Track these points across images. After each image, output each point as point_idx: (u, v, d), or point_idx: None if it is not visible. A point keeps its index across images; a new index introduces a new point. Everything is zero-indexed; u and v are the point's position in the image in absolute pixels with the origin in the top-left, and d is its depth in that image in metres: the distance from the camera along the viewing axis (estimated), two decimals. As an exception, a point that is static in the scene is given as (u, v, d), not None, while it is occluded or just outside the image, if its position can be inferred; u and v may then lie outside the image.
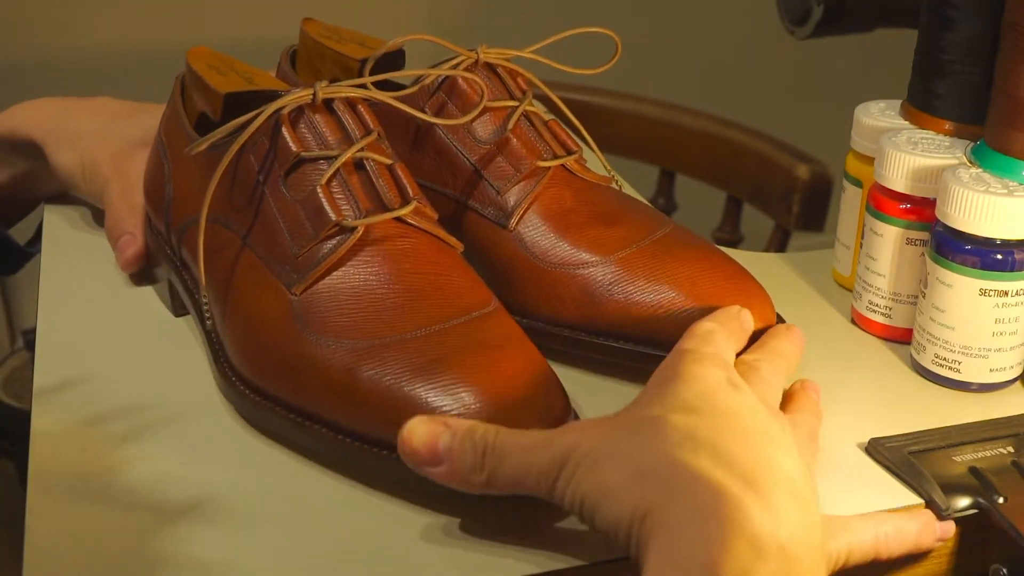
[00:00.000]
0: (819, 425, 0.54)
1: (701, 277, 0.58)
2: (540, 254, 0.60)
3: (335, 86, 0.57)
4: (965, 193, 0.56)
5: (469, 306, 0.53)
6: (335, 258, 0.53)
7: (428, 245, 0.55)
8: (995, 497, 0.50)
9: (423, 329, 0.51)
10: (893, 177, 0.61)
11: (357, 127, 0.57)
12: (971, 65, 0.62)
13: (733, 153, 1.17)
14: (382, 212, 0.55)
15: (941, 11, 0.63)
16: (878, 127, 0.65)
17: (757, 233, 1.25)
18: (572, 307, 0.59)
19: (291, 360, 0.52)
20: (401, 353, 0.50)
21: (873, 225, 0.63)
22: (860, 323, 0.66)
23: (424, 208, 0.57)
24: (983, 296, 0.57)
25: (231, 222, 0.57)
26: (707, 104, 1.25)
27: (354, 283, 0.53)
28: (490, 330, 0.52)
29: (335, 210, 0.54)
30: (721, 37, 2.03)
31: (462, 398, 0.49)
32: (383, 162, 0.56)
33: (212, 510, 0.50)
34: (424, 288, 0.53)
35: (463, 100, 0.62)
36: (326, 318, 0.52)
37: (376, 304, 0.53)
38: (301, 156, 0.55)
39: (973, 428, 0.56)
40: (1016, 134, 0.58)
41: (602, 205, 0.61)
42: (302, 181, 0.55)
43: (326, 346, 0.52)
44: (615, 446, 0.45)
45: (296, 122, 0.56)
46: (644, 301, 0.57)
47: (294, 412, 0.52)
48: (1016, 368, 0.59)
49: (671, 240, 0.60)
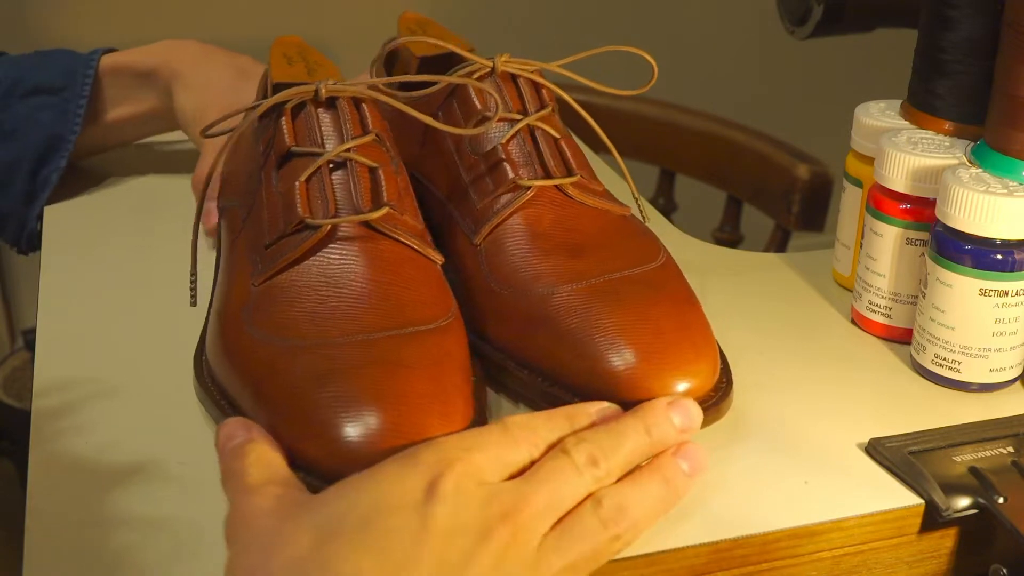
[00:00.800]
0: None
1: (632, 327, 0.53)
2: (493, 274, 0.58)
3: (340, 84, 0.57)
4: (965, 193, 0.56)
5: (409, 320, 0.52)
6: (295, 254, 0.54)
7: (395, 253, 0.55)
8: (995, 497, 0.50)
9: (346, 337, 0.51)
10: (893, 177, 0.61)
11: (355, 127, 0.57)
12: (971, 65, 0.62)
13: (733, 153, 1.17)
14: (350, 214, 0.54)
15: (941, 11, 0.63)
16: (878, 127, 0.65)
17: (757, 233, 1.25)
18: (509, 333, 0.56)
19: (229, 348, 0.53)
20: (312, 357, 0.50)
21: (873, 225, 0.63)
22: (860, 323, 0.66)
23: (401, 216, 0.56)
24: (983, 296, 0.57)
25: (241, 207, 0.59)
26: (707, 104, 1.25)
27: (304, 281, 0.53)
28: (411, 347, 0.51)
29: (304, 207, 0.54)
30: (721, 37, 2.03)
31: (345, 413, 0.47)
32: (366, 164, 0.56)
33: (212, 510, 0.50)
34: (369, 295, 0.53)
35: (467, 109, 0.62)
36: (267, 312, 0.52)
37: (317, 305, 0.52)
38: (291, 150, 0.56)
39: (973, 428, 0.56)
40: (1016, 134, 0.58)
41: (582, 234, 0.59)
42: (290, 174, 0.56)
43: (256, 339, 0.52)
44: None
45: (297, 116, 0.57)
46: (567, 342, 0.53)
47: (225, 399, 0.53)
48: (1016, 368, 0.59)
49: (631, 282, 0.56)
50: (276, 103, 0.57)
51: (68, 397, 0.57)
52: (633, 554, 0.47)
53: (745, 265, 0.73)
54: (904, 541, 0.52)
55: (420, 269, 0.55)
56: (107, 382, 0.59)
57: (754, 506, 0.50)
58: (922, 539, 0.52)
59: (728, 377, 0.55)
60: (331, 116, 0.57)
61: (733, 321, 0.66)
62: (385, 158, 0.57)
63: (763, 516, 0.50)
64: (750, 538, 0.49)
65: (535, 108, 0.62)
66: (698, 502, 0.50)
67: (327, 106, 0.57)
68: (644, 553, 0.47)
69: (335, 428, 0.47)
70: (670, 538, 0.48)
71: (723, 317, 0.66)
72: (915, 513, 0.51)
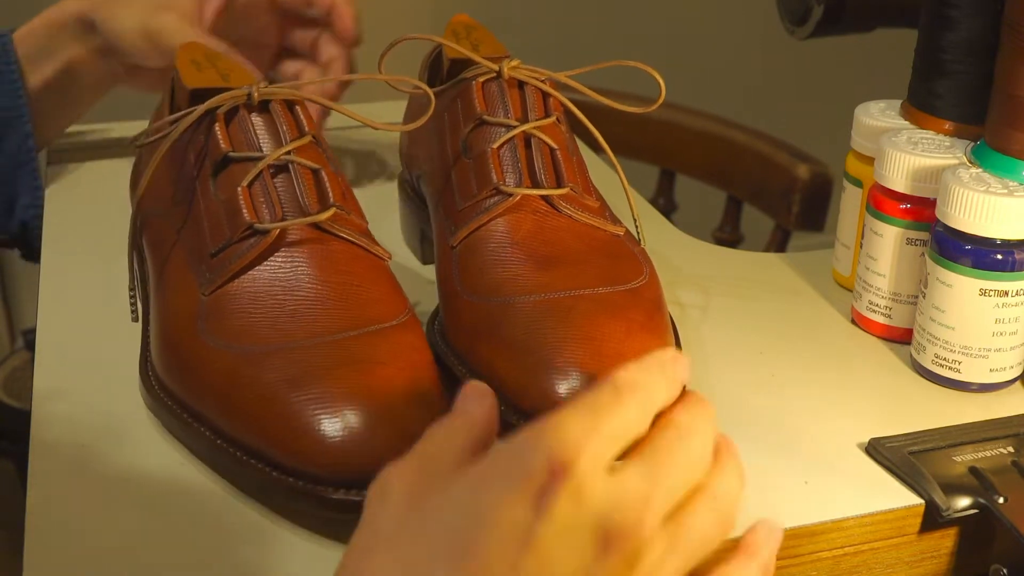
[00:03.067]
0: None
1: (573, 347, 0.51)
2: (462, 277, 0.57)
3: (273, 87, 0.56)
4: (965, 193, 0.56)
5: (371, 318, 0.52)
6: (245, 261, 0.53)
7: (345, 253, 0.54)
8: (995, 497, 0.50)
9: (313, 339, 0.50)
10: (893, 177, 0.61)
11: (291, 129, 0.56)
12: (971, 65, 0.62)
13: (733, 153, 1.17)
14: (298, 217, 0.54)
15: (941, 11, 0.63)
16: (878, 127, 0.65)
17: (757, 233, 1.25)
18: (463, 340, 0.56)
19: (186, 359, 0.52)
20: (281, 362, 0.50)
21: (873, 225, 0.63)
22: (860, 323, 0.66)
23: (348, 216, 0.55)
24: (983, 296, 0.57)
25: (172, 217, 0.58)
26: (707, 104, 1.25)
27: (259, 287, 0.53)
28: (380, 345, 0.51)
29: (251, 212, 0.54)
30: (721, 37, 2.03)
31: (324, 414, 0.47)
32: (308, 166, 0.55)
33: (213, 510, 0.50)
34: (328, 297, 0.52)
35: (468, 111, 0.61)
36: (224, 320, 0.52)
37: (276, 310, 0.52)
38: (228, 156, 0.55)
39: (973, 428, 0.56)
40: (1016, 134, 0.58)
41: (560, 247, 0.57)
42: (229, 181, 0.55)
43: (216, 348, 0.51)
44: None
45: (231, 121, 0.56)
46: (507, 354, 0.53)
47: (187, 412, 0.52)
48: (1016, 368, 0.59)
49: (591, 301, 0.54)
50: (208, 109, 0.56)
51: (68, 397, 0.57)
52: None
53: (745, 265, 0.73)
54: (904, 541, 0.52)
55: (371, 267, 0.55)
56: (107, 382, 0.59)
57: (754, 506, 0.50)
58: (922, 539, 0.52)
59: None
60: (265, 120, 0.56)
61: (733, 321, 0.66)
62: (324, 159, 0.57)
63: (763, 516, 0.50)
64: (750, 538, 0.49)
65: (538, 116, 0.61)
66: (698, 502, 0.50)
67: (260, 110, 0.56)
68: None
69: (317, 429, 0.47)
70: (670, 538, 0.48)
71: (723, 317, 0.66)
72: (915, 513, 0.51)
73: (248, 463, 0.49)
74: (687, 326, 0.65)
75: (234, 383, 0.50)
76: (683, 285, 0.69)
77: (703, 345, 0.63)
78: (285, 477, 0.48)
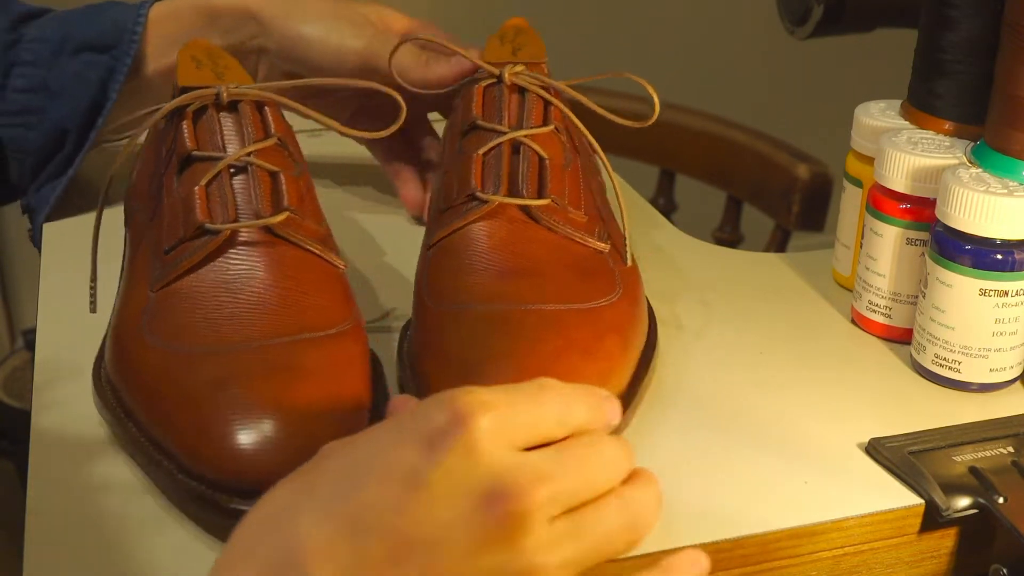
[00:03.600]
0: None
1: (502, 362, 0.50)
2: (427, 281, 0.57)
3: (242, 87, 0.56)
4: (965, 193, 0.56)
5: (306, 326, 0.51)
6: (194, 260, 0.53)
7: (295, 259, 0.54)
8: (995, 497, 0.50)
9: (245, 344, 0.50)
10: (893, 177, 0.61)
11: (256, 130, 0.56)
12: (971, 65, 0.62)
13: (733, 153, 1.17)
14: (250, 219, 0.54)
15: (941, 11, 0.63)
16: (878, 127, 0.65)
17: (757, 233, 1.25)
18: (416, 345, 0.55)
19: (125, 355, 0.52)
20: (207, 364, 0.49)
21: (873, 225, 0.63)
22: (860, 323, 0.66)
23: (303, 221, 0.55)
24: (983, 296, 0.57)
25: (145, 212, 0.58)
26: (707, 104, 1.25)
27: (203, 287, 0.53)
28: (310, 354, 0.50)
29: (204, 211, 0.54)
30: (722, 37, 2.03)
31: (234, 421, 0.47)
32: (267, 169, 0.55)
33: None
34: (268, 302, 0.52)
35: (466, 114, 0.61)
36: (165, 318, 0.52)
37: (215, 311, 0.52)
38: (192, 154, 0.55)
39: (973, 428, 0.56)
40: (1016, 134, 0.58)
41: (529, 259, 0.56)
42: (190, 179, 0.55)
43: (153, 345, 0.51)
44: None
45: (199, 120, 0.56)
46: (443, 362, 0.52)
47: (120, 406, 0.52)
48: (1016, 368, 0.59)
49: (541, 316, 0.52)
50: (178, 106, 0.56)
51: (68, 397, 0.57)
52: (633, 554, 0.47)
53: (745, 265, 0.73)
54: (904, 541, 0.52)
55: (322, 274, 0.54)
56: (107, 382, 0.59)
57: (754, 506, 0.50)
58: (922, 539, 0.52)
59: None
60: (233, 120, 0.56)
61: (733, 321, 0.66)
62: (287, 162, 0.57)
63: (763, 516, 0.50)
64: (750, 538, 0.49)
65: (535, 124, 0.60)
66: (698, 502, 0.50)
67: (229, 110, 0.56)
68: (644, 553, 0.47)
69: (230, 437, 0.47)
70: (670, 538, 0.48)
71: (723, 317, 0.66)
72: (915, 513, 0.51)
73: (160, 462, 0.49)
74: (687, 326, 0.65)
75: (161, 380, 0.50)
76: (683, 285, 0.69)
77: (703, 345, 0.63)
78: (188, 480, 0.47)
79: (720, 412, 0.57)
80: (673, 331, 0.64)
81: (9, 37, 0.73)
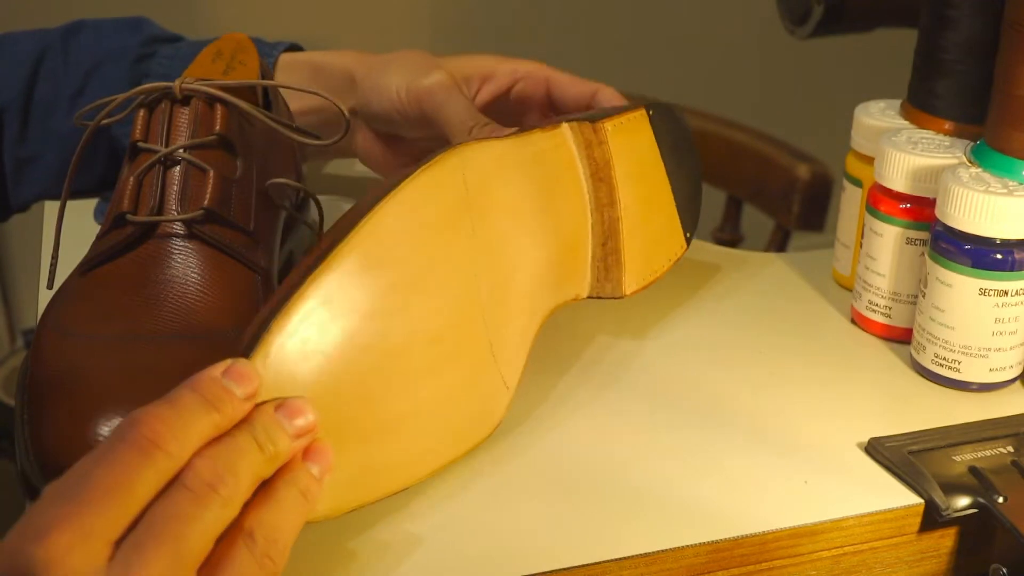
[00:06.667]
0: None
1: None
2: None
3: (196, 83, 0.56)
4: (965, 193, 0.56)
5: (186, 328, 0.51)
6: (113, 248, 0.54)
7: (204, 259, 0.54)
8: (995, 497, 0.50)
9: (118, 337, 0.50)
10: (893, 177, 0.61)
11: (202, 127, 0.56)
12: (971, 65, 0.62)
13: (733, 153, 1.17)
14: (169, 214, 0.54)
15: (941, 11, 0.63)
16: (878, 127, 0.65)
17: (757, 233, 1.25)
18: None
19: (38, 334, 0.52)
20: (70, 353, 0.49)
21: (873, 225, 0.63)
22: (860, 323, 0.66)
23: (224, 221, 0.55)
24: (983, 296, 0.57)
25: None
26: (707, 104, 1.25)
27: (112, 277, 0.53)
28: (173, 355, 0.49)
29: (130, 202, 0.54)
30: (721, 37, 2.03)
31: (70, 412, 0.47)
32: (199, 166, 0.55)
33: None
34: (160, 298, 0.52)
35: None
36: (72, 304, 0.53)
37: (110, 302, 0.52)
38: (136, 144, 0.56)
39: (973, 428, 0.56)
40: (1016, 134, 0.58)
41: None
42: (133, 168, 0.56)
43: (50, 328, 0.52)
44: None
45: (153, 111, 0.57)
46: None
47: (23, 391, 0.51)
48: (1016, 368, 0.59)
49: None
50: (130, 97, 0.57)
51: (68, 397, 0.57)
52: (632, 554, 0.47)
53: (745, 265, 0.73)
54: (904, 541, 0.52)
55: (231, 277, 0.54)
56: (107, 382, 0.58)
57: (754, 506, 0.50)
58: (922, 539, 0.52)
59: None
60: (183, 115, 0.56)
61: (733, 321, 0.66)
62: (224, 160, 0.56)
63: (763, 516, 0.50)
64: (750, 538, 0.49)
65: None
66: (698, 502, 0.50)
67: (183, 104, 0.57)
68: (643, 553, 0.47)
69: (55, 425, 0.47)
70: (669, 538, 0.48)
71: (723, 317, 0.66)
72: (915, 513, 0.51)
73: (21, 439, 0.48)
74: (687, 326, 0.65)
75: (36, 364, 0.50)
76: (683, 285, 0.69)
77: (703, 345, 0.63)
78: (27, 462, 0.47)
79: (720, 411, 0.57)
80: (673, 331, 0.64)
81: (144, 51, 0.74)
